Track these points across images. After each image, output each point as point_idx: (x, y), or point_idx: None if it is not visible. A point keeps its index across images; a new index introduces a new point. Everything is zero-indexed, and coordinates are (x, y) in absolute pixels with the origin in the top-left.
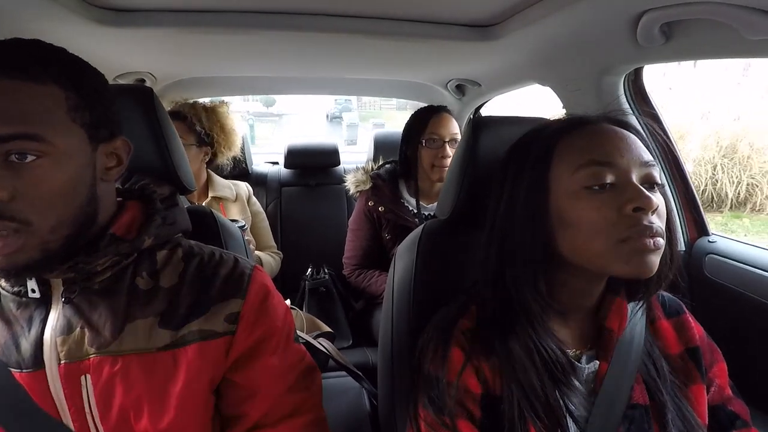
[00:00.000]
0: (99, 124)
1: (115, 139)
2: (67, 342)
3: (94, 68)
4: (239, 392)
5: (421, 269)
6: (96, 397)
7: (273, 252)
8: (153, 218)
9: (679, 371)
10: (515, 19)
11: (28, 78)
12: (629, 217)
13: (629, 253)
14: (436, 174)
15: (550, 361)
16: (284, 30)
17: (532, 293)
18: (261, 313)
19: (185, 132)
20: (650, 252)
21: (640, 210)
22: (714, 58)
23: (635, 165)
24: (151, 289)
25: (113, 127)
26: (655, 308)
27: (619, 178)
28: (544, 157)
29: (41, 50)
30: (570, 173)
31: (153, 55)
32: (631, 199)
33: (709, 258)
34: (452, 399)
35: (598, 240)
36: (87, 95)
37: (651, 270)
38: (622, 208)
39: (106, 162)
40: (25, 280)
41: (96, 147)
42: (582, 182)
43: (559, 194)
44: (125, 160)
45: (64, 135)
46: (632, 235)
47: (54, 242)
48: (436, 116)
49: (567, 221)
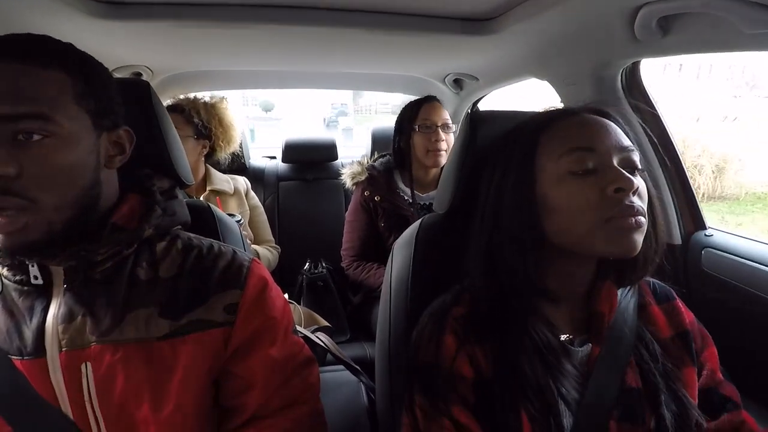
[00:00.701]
0: (103, 112)
1: (119, 129)
2: (68, 330)
3: (99, 62)
4: (237, 383)
5: (418, 263)
6: (96, 385)
7: (271, 246)
8: (153, 209)
9: (671, 355)
10: (513, 13)
11: (38, 63)
12: (611, 198)
13: (612, 232)
14: (430, 159)
15: (542, 345)
16: (281, 24)
17: (523, 279)
18: (259, 304)
19: (183, 123)
20: (633, 230)
21: (621, 191)
22: (711, 52)
23: (615, 150)
24: (151, 280)
25: (117, 117)
26: (646, 294)
27: (601, 162)
28: (529, 147)
29: (51, 41)
30: (554, 160)
31: (149, 49)
32: (612, 181)
33: (705, 251)
34: (446, 385)
35: (583, 221)
36: (93, 84)
37: (635, 248)
38: (604, 189)
39: (110, 150)
40: (27, 268)
41: (100, 134)
42: (565, 167)
43: (545, 181)
44: (128, 150)
45: (71, 118)
46: (615, 215)
47: (57, 223)
48: (427, 104)
49: (552, 206)
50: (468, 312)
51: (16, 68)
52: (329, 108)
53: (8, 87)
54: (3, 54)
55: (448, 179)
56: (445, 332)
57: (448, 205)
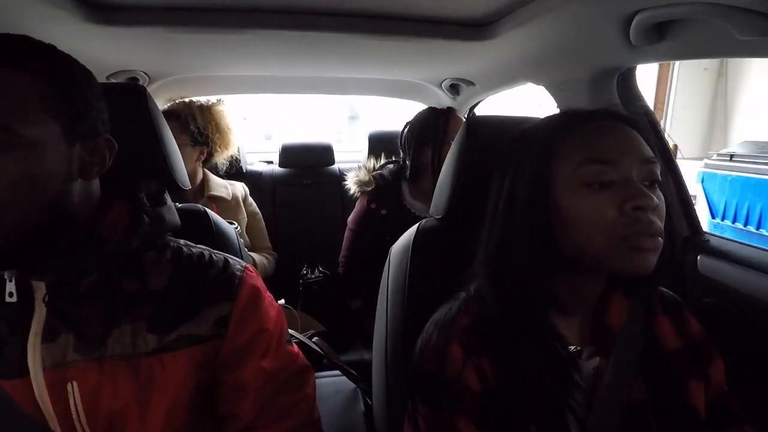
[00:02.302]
0: (78, 119)
1: (98, 137)
2: (51, 348)
3: (82, 66)
4: (230, 393)
5: (416, 268)
6: (83, 404)
7: (268, 253)
8: (140, 219)
9: (678, 367)
10: (509, 19)
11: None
12: (629, 216)
13: (628, 250)
14: None
15: (552, 357)
16: (278, 29)
17: (534, 291)
18: (251, 315)
19: (179, 131)
20: (648, 251)
21: (641, 209)
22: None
23: (636, 162)
24: (138, 293)
25: (95, 124)
26: (654, 303)
27: (620, 176)
28: (545, 153)
29: (23, 42)
30: (571, 170)
31: (145, 54)
32: (631, 198)
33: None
34: (452, 396)
35: (598, 238)
36: (67, 89)
37: (648, 269)
38: (623, 206)
39: (87, 159)
40: (2, 285)
41: (73, 142)
42: (581, 179)
43: (560, 191)
44: (108, 160)
45: (33, 126)
46: (631, 234)
47: (17, 235)
48: (455, 118)
49: (567, 218)
50: (475, 322)
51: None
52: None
53: None
54: None
55: (445, 184)
56: (452, 342)
57: (445, 210)
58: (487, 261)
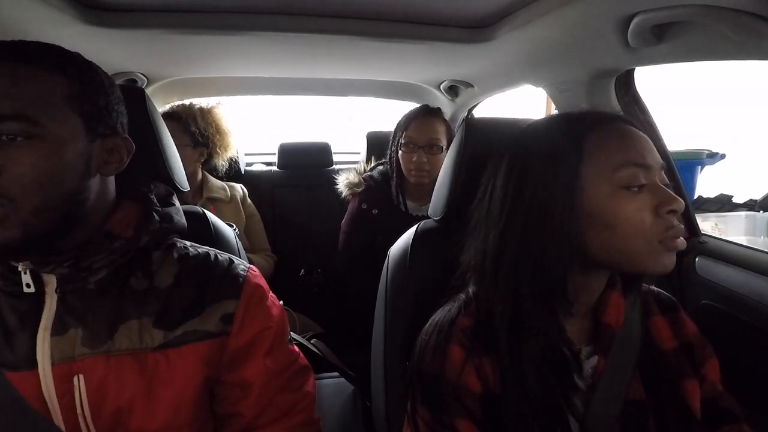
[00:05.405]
0: (99, 118)
1: (116, 137)
2: (60, 342)
3: (105, 72)
4: (232, 392)
5: (414, 269)
6: (89, 397)
7: (267, 255)
8: (150, 217)
9: (674, 366)
10: (508, 21)
11: (29, 62)
12: (665, 219)
13: (662, 251)
14: (412, 178)
15: (557, 358)
16: (275, 31)
17: (550, 293)
18: (255, 313)
19: (180, 133)
20: (675, 251)
21: (674, 213)
22: (705, 60)
23: (658, 167)
24: (146, 290)
25: (115, 124)
26: (651, 303)
27: (649, 179)
28: (573, 154)
29: (54, 48)
30: (609, 172)
31: (143, 56)
32: (666, 202)
33: (699, 258)
34: (452, 397)
35: (636, 240)
36: (89, 87)
37: (672, 267)
38: (659, 209)
39: (105, 157)
40: (18, 276)
41: (93, 140)
42: (621, 182)
43: (593, 193)
44: (125, 159)
45: (59, 120)
46: (668, 236)
47: (36, 225)
48: (416, 120)
49: (602, 221)
50: (475, 323)
51: (6, 67)
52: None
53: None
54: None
55: (444, 185)
56: (452, 343)
57: (444, 212)
58: (484, 262)
